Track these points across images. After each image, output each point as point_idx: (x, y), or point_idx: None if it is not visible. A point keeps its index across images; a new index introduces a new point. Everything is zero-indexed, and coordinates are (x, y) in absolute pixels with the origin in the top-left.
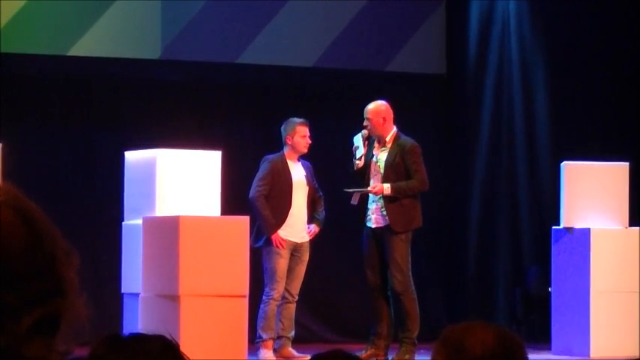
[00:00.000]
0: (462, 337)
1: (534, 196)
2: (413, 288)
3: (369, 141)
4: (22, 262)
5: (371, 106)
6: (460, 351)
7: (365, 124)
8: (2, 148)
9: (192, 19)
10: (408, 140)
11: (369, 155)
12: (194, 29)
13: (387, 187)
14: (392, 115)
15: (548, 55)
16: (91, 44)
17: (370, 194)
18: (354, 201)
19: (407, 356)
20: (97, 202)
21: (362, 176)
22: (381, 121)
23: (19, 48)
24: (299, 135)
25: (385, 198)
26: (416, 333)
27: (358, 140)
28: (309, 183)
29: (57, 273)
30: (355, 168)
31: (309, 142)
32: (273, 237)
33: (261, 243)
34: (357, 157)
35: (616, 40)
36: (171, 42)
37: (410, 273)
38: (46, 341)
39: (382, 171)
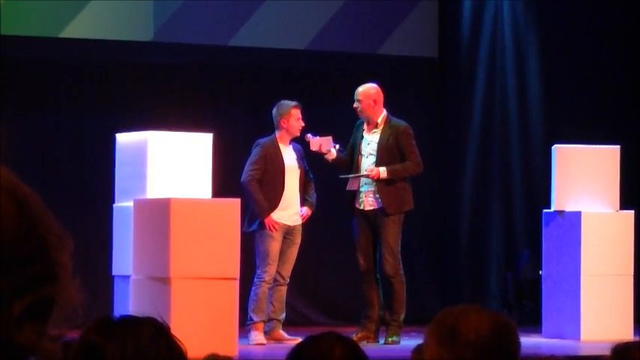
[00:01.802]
0: (455, 321)
1: (526, 180)
2: (402, 271)
3: (356, 125)
4: (15, 246)
5: (361, 88)
6: (454, 336)
7: (355, 105)
8: None
9: (184, 1)
10: (400, 122)
11: (357, 138)
12: (186, 11)
13: (383, 171)
14: (382, 98)
15: (541, 39)
16: (82, 26)
17: (363, 177)
18: (352, 186)
19: (395, 338)
20: (88, 184)
21: (350, 161)
22: (372, 103)
23: (10, 30)
24: (294, 118)
25: (379, 180)
26: (403, 315)
27: (312, 144)
28: (300, 166)
29: (50, 257)
30: (330, 161)
31: (303, 124)
32: (267, 220)
33: (254, 227)
34: (324, 155)
35: (608, 25)
36: (163, 24)
37: (400, 256)
38: (38, 327)
39: (376, 153)
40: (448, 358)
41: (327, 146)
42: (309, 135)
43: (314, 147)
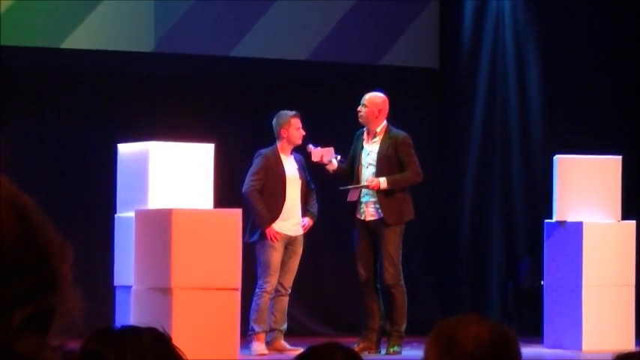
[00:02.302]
0: (454, 331)
1: (527, 190)
2: (403, 281)
3: (356, 136)
4: (15, 256)
5: (370, 94)
6: (453, 346)
7: (359, 109)
8: None
9: (185, 12)
10: (399, 132)
11: (357, 148)
12: (187, 22)
13: (383, 181)
14: (387, 110)
15: (542, 49)
16: (84, 37)
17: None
18: (353, 197)
19: (396, 348)
20: (90, 195)
21: (350, 171)
22: (376, 112)
23: (12, 40)
24: (294, 127)
25: (380, 191)
26: (404, 326)
27: (313, 155)
28: (301, 176)
29: (50, 267)
30: (331, 172)
31: (303, 133)
32: (268, 230)
33: (255, 237)
34: (326, 166)
35: (610, 34)
36: (164, 35)
37: (400, 266)
38: (38, 337)
39: (375, 163)
40: None
41: (328, 157)
42: (310, 146)
43: (315, 158)
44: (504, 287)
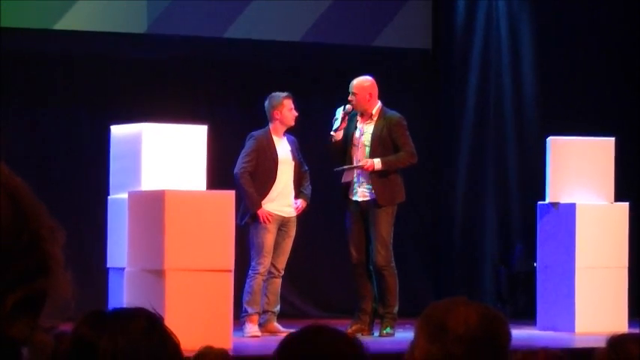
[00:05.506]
0: (444, 315)
1: (521, 172)
2: (394, 263)
3: (349, 116)
4: (7, 239)
5: (357, 81)
6: (443, 329)
7: (350, 98)
8: None
9: None
10: (394, 114)
11: (350, 129)
12: (180, 3)
13: (377, 162)
14: (377, 90)
15: (536, 30)
16: (76, 18)
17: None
18: (348, 178)
19: (389, 330)
20: (83, 177)
21: (343, 151)
22: (367, 96)
23: (3, 22)
24: (286, 108)
25: (373, 172)
26: (396, 308)
27: (339, 112)
28: (294, 158)
29: (42, 250)
30: (332, 140)
31: (296, 114)
32: (259, 212)
33: (245, 220)
34: (334, 129)
35: (603, 16)
36: (157, 16)
37: (392, 248)
38: (30, 320)
39: (369, 144)
40: (438, 353)
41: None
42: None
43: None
44: (497, 270)
